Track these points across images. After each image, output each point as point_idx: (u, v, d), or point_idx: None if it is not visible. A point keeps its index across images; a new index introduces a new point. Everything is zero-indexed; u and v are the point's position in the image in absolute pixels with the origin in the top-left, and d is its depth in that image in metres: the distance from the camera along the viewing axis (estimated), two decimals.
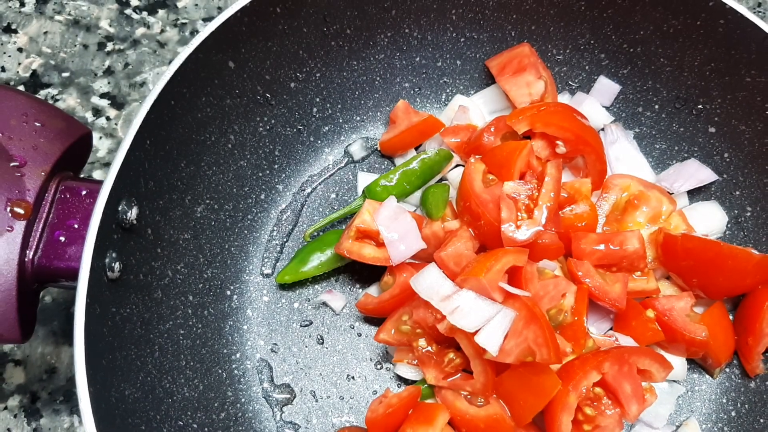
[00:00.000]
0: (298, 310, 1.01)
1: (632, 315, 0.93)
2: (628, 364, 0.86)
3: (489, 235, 0.90)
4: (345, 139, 1.10)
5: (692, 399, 0.98)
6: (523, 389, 0.84)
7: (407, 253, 0.93)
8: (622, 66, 1.05)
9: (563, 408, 0.83)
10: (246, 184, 1.03)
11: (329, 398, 0.97)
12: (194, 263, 0.97)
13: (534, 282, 0.87)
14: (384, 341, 0.94)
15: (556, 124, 0.94)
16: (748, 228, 1.01)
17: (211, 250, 0.99)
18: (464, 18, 1.05)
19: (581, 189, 0.95)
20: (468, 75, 1.10)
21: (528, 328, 0.81)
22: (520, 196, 0.90)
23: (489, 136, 0.97)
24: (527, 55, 1.03)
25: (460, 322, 0.81)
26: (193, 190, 0.96)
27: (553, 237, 0.90)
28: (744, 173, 1.01)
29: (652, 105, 1.06)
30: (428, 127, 1.03)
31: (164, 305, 0.92)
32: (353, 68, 1.06)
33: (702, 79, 1.01)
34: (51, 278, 0.79)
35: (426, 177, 1.02)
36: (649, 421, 0.93)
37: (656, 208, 0.98)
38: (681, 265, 0.94)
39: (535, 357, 0.81)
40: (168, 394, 0.88)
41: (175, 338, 0.92)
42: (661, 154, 1.07)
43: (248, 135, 1.01)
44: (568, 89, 1.09)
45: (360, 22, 1.01)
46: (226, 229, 1.01)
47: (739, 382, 0.98)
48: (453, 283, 0.85)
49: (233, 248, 1.02)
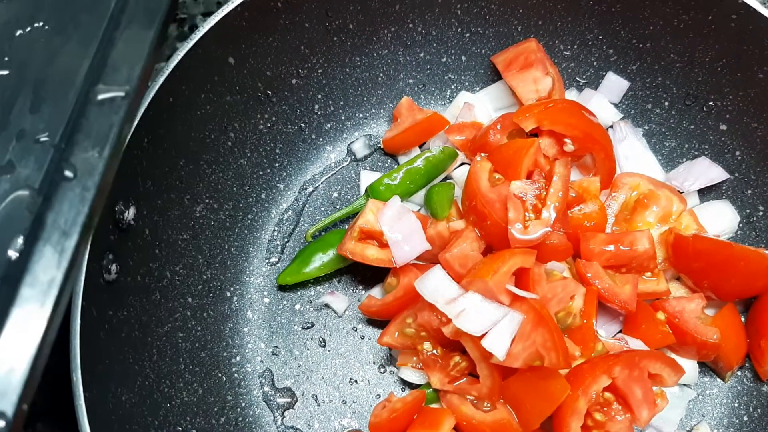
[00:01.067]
0: (299, 312, 1.00)
1: (642, 317, 0.92)
2: (639, 368, 0.84)
3: (495, 235, 0.88)
4: (347, 137, 1.09)
5: (703, 403, 0.96)
6: (530, 394, 0.83)
7: (411, 254, 0.91)
8: (631, 62, 1.04)
9: (572, 413, 0.82)
10: (246, 183, 1.02)
11: (331, 402, 0.96)
12: (193, 264, 0.96)
13: (542, 284, 0.86)
14: (387, 344, 0.93)
15: (564, 121, 0.93)
16: (761, 228, 1.00)
17: (211, 251, 0.98)
18: (470, 13, 1.04)
19: (590, 188, 0.94)
20: (473, 71, 1.09)
21: (536, 332, 0.80)
22: (527, 195, 0.89)
23: (495, 133, 0.96)
24: (534, 50, 1.02)
25: (466, 326, 0.80)
26: (192, 189, 0.95)
27: (561, 237, 0.88)
28: (756, 172, 1.00)
29: (662, 102, 1.04)
30: (432, 124, 1.02)
31: (162, 307, 0.91)
32: (356, 64, 1.05)
33: (713, 75, 0.99)
34: None
35: (430, 176, 1.00)
36: (659, 425, 0.92)
37: (666, 207, 0.97)
38: (692, 267, 0.93)
39: (544, 361, 0.80)
40: (166, 398, 0.87)
41: (174, 341, 0.91)
42: (671, 152, 1.06)
43: (248, 132, 1.00)
44: (575, 86, 1.08)
45: (363, 17, 1.00)
46: (225, 229, 1.00)
47: (751, 385, 0.96)
48: (458, 286, 0.84)
49: (233, 249, 1.01)
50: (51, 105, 0.53)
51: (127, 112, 0.52)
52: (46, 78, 0.55)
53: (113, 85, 0.52)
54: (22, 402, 0.48)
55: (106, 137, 0.51)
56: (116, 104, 0.52)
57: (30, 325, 0.49)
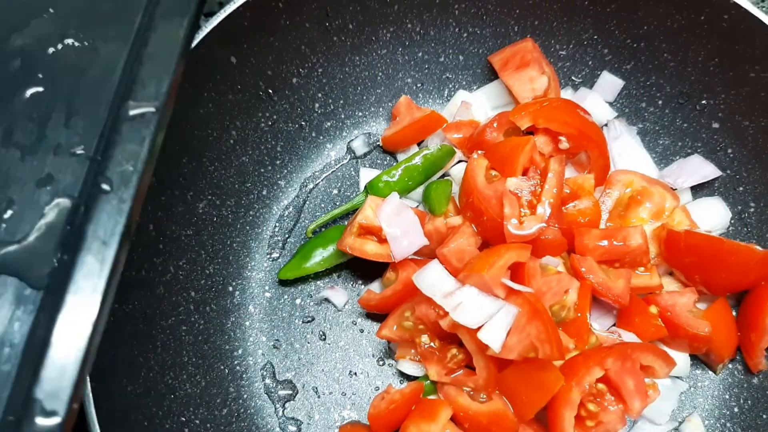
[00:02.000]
0: (300, 306, 1.01)
1: (635, 311, 0.93)
2: (631, 360, 0.86)
3: (492, 231, 0.89)
4: (347, 135, 1.09)
5: (695, 395, 0.98)
6: (525, 385, 0.84)
7: (409, 249, 0.92)
8: (626, 61, 1.05)
9: (566, 404, 0.83)
10: (248, 180, 1.03)
11: (331, 394, 0.97)
12: (196, 259, 0.97)
13: (537, 278, 0.87)
14: (386, 337, 0.94)
15: (559, 119, 0.94)
16: (752, 224, 1.01)
17: (213, 246, 0.99)
18: (467, 13, 1.04)
19: (584, 185, 0.95)
20: (471, 70, 1.10)
21: (531, 325, 0.81)
22: (522, 192, 0.90)
23: (492, 131, 0.97)
24: (530, 50, 1.03)
25: (463, 319, 0.82)
26: (194, 186, 0.96)
27: (556, 233, 0.89)
28: (747, 169, 1.01)
29: (656, 100, 1.05)
30: (431, 122, 1.03)
31: (166, 301, 0.92)
32: (355, 63, 1.06)
33: (706, 74, 1.00)
34: None
35: (428, 173, 1.01)
36: (651, 417, 0.93)
37: (659, 203, 0.98)
38: (684, 262, 0.94)
39: (538, 353, 0.81)
40: (170, 390, 0.88)
41: (177, 334, 0.92)
42: (664, 149, 1.07)
43: (250, 131, 1.01)
44: (571, 85, 1.09)
45: (362, 17, 1.01)
46: (227, 225, 1.01)
47: (742, 378, 0.97)
48: (455, 280, 0.85)
49: (235, 244, 1.02)
50: (84, 119, 0.54)
51: (157, 125, 0.54)
52: (79, 93, 0.57)
53: (143, 101, 0.54)
54: (72, 402, 0.50)
55: (138, 151, 0.54)
56: (147, 119, 0.54)
57: (77, 329, 0.52)
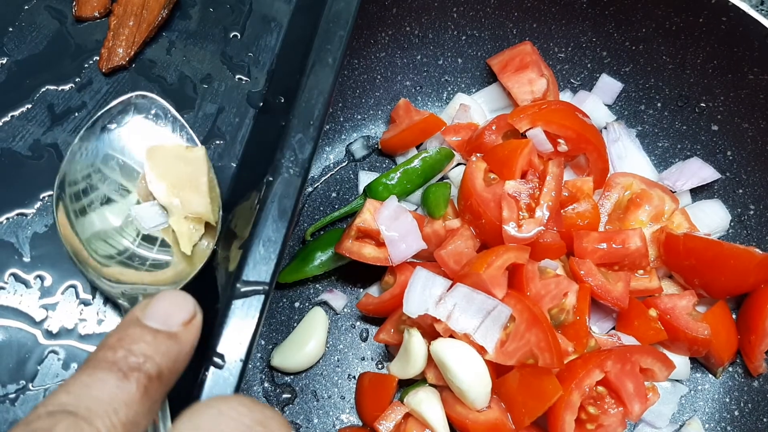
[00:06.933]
0: (299, 309, 1.01)
1: (635, 314, 0.92)
2: (631, 362, 0.86)
3: (490, 234, 0.89)
4: (346, 138, 1.10)
5: (695, 398, 0.97)
6: (523, 392, 0.83)
7: (408, 252, 0.92)
8: (624, 64, 1.05)
9: (566, 407, 0.83)
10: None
11: (330, 398, 0.97)
12: None
13: (535, 281, 0.87)
14: (384, 341, 0.94)
15: (558, 122, 0.94)
16: (751, 226, 1.01)
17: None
18: (465, 16, 1.05)
19: (583, 187, 0.95)
20: (469, 73, 1.10)
21: (530, 332, 0.81)
22: (521, 194, 0.90)
23: (490, 134, 0.97)
24: (529, 53, 1.03)
25: (458, 326, 0.82)
26: None
27: (554, 236, 0.89)
28: (747, 171, 1.01)
29: (655, 103, 1.05)
30: (429, 125, 1.03)
31: None
32: (354, 66, 1.06)
33: (704, 76, 1.00)
34: None
35: (427, 176, 1.01)
36: (651, 420, 0.93)
37: (659, 206, 0.98)
38: (683, 265, 0.94)
39: (537, 361, 0.81)
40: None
41: None
42: (663, 152, 1.07)
43: None
44: (569, 87, 1.09)
45: (361, 21, 1.00)
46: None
47: (742, 381, 0.97)
48: (443, 278, 0.86)
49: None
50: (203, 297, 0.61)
51: (263, 302, 0.62)
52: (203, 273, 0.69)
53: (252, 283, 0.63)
54: None
55: (249, 326, 0.62)
56: (256, 299, 0.62)
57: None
